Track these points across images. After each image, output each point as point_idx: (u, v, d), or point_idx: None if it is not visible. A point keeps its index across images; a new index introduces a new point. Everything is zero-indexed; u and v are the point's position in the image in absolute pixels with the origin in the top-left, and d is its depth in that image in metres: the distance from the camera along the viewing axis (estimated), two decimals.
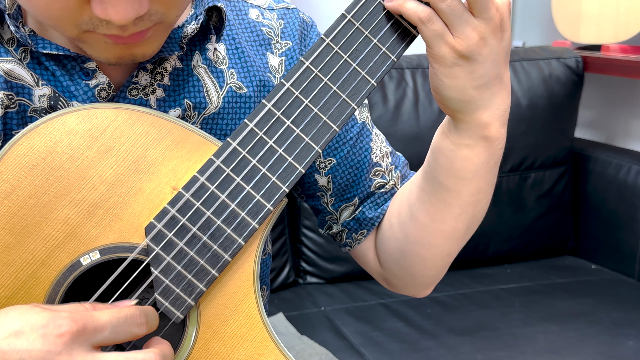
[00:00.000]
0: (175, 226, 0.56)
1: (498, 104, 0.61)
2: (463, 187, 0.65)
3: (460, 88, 0.59)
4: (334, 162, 0.75)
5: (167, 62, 0.65)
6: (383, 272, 0.79)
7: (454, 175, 0.65)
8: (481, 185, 0.66)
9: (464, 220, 0.68)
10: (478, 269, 1.73)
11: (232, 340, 0.58)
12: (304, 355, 1.30)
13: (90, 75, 0.62)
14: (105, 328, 0.50)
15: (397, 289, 0.79)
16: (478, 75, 0.58)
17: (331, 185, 0.76)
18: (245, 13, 0.73)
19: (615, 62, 1.73)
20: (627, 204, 1.69)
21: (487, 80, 0.59)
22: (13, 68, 0.60)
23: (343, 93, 0.58)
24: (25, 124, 0.61)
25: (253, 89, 0.70)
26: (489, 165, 0.65)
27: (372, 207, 0.76)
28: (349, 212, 0.77)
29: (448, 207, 0.67)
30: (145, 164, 0.57)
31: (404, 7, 0.56)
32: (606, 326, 1.40)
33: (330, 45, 0.57)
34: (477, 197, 0.67)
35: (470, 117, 0.61)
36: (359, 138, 0.76)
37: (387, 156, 0.78)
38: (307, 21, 0.77)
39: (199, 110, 0.67)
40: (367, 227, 0.77)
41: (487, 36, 0.57)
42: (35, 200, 0.55)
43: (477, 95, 0.59)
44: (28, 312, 0.49)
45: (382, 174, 0.77)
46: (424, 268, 0.74)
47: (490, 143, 0.63)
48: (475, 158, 0.63)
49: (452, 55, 0.57)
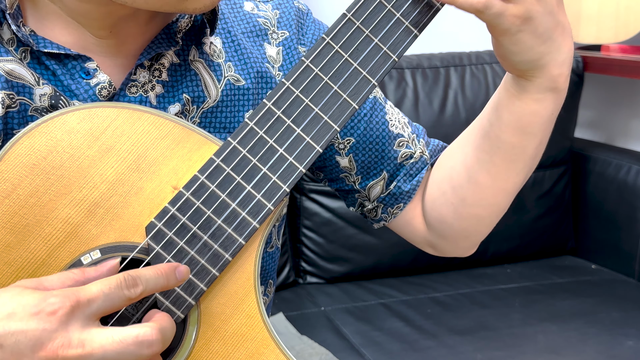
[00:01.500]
0: (175, 225, 0.56)
1: (565, 52, 0.62)
2: (529, 142, 0.66)
3: (529, 49, 0.59)
4: (352, 141, 0.75)
5: (164, 58, 0.65)
6: (431, 238, 0.79)
7: (521, 131, 0.65)
8: (544, 137, 0.67)
9: (525, 174, 0.69)
10: (478, 269, 1.73)
11: (232, 339, 0.58)
12: (304, 355, 1.30)
13: (91, 74, 0.62)
14: (98, 298, 0.49)
15: (445, 252, 0.80)
16: (541, 31, 0.59)
17: (354, 164, 0.76)
18: (240, 6, 0.74)
19: (615, 62, 1.73)
20: (627, 204, 1.69)
21: (550, 33, 0.59)
22: (14, 68, 0.60)
23: (344, 92, 0.58)
24: (26, 123, 0.61)
25: (251, 80, 0.71)
26: (554, 115, 0.65)
27: (407, 180, 0.76)
28: (380, 187, 0.77)
29: (512, 163, 0.68)
30: (146, 163, 0.57)
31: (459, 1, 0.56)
32: (606, 326, 1.40)
33: (331, 44, 0.57)
34: (539, 149, 0.68)
35: (542, 72, 0.62)
36: (374, 113, 0.76)
37: (406, 126, 0.78)
38: (303, 9, 0.77)
39: (198, 104, 0.67)
40: (404, 200, 0.77)
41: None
42: (36, 200, 0.55)
43: (545, 49, 0.60)
44: (19, 294, 0.49)
45: (407, 143, 0.77)
46: (481, 227, 0.75)
47: (558, 94, 0.64)
48: (544, 111, 0.64)
49: (516, 24, 0.57)
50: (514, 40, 0.59)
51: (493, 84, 1.71)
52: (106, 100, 0.63)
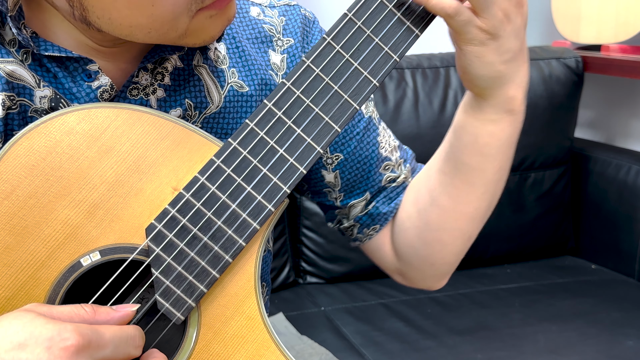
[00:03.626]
0: (175, 227, 0.56)
1: (522, 76, 0.63)
2: (487, 164, 0.67)
3: (490, 65, 0.61)
4: (341, 157, 0.75)
5: (168, 62, 0.65)
6: (400, 265, 0.79)
7: (478, 153, 0.66)
8: (503, 162, 0.68)
9: (487, 200, 0.70)
10: (478, 269, 1.73)
11: (233, 341, 0.58)
12: (304, 355, 1.30)
13: (93, 76, 0.61)
14: (108, 346, 0.50)
15: (413, 282, 0.80)
16: (504, 50, 0.60)
17: (339, 181, 0.76)
18: (246, 11, 0.73)
19: (615, 62, 1.73)
20: (627, 204, 1.69)
21: (513, 54, 0.61)
22: (15, 69, 0.60)
23: (345, 93, 0.58)
24: (26, 124, 0.61)
25: (255, 87, 0.70)
26: (512, 139, 0.67)
27: (386, 202, 0.77)
28: (361, 208, 0.77)
29: (472, 187, 0.68)
30: (146, 164, 0.57)
31: (430, 3, 0.57)
32: (606, 326, 1.40)
33: (332, 44, 0.57)
34: (500, 174, 0.69)
35: (498, 92, 0.63)
36: (366, 133, 0.76)
37: (395, 150, 0.78)
38: (309, 17, 0.77)
39: (200, 109, 0.67)
40: (380, 222, 0.77)
41: (510, 12, 0.59)
42: (35, 201, 0.55)
43: (504, 69, 0.61)
44: (32, 322, 0.48)
45: (392, 167, 0.77)
46: (445, 254, 0.74)
47: (514, 116, 0.65)
48: (501, 133, 0.65)
49: (481, 36, 0.59)
50: (477, 52, 0.60)
51: None
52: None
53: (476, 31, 0.58)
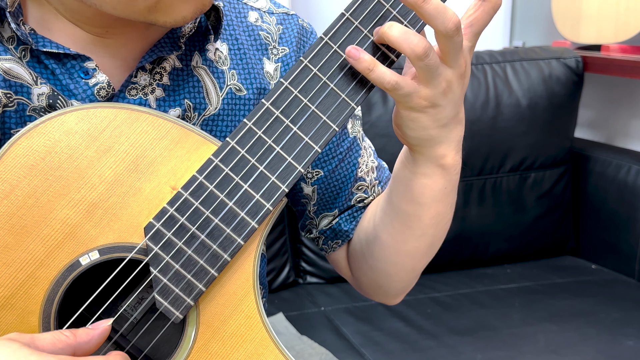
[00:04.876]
0: (174, 226, 0.56)
1: (454, 137, 0.63)
2: (422, 212, 0.68)
3: (423, 129, 0.61)
4: (321, 174, 0.77)
5: (166, 61, 0.65)
6: (354, 280, 0.81)
7: (413, 202, 0.67)
8: (440, 209, 0.68)
9: (426, 241, 0.71)
10: (478, 269, 1.73)
11: (231, 340, 0.58)
12: (304, 355, 1.30)
13: (90, 74, 0.62)
14: None
15: (369, 296, 0.82)
16: (440, 117, 0.60)
17: (315, 195, 0.77)
18: (244, 16, 0.73)
19: (615, 62, 1.73)
20: (627, 204, 1.69)
21: (448, 120, 0.61)
22: (12, 67, 0.60)
23: (342, 92, 0.58)
24: (24, 123, 0.61)
25: (253, 91, 0.71)
26: (446, 190, 0.67)
27: (348, 220, 0.78)
28: (328, 221, 0.79)
29: (409, 229, 0.69)
30: (145, 163, 0.57)
31: (372, 74, 0.56)
32: (606, 326, 1.40)
33: (329, 43, 0.57)
34: (437, 219, 0.69)
35: (428, 150, 0.63)
36: (349, 153, 0.77)
37: (372, 171, 0.79)
38: (307, 28, 0.77)
39: (199, 111, 0.67)
40: (342, 238, 0.79)
41: (453, 83, 0.58)
42: (34, 200, 0.55)
43: (437, 133, 0.61)
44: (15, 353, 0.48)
45: (365, 188, 0.78)
46: (391, 282, 0.76)
47: (446, 170, 0.65)
48: (433, 185, 0.65)
49: (421, 104, 0.58)
50: (413, 117, 0.60)
51: (493, 84, 1.71)
52: (104, 101, 0.62)
53: (417, 100, 0.58)
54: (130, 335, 0.60)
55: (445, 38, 0.55)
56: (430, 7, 0.53)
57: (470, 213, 1.70)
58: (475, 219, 1.71)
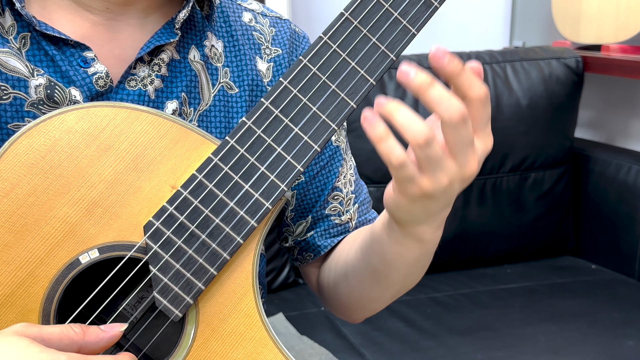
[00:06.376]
0: (173, 224, 0.56)
1: (439, 219, 0.60)
2: (393, 273, 0.67)
3: (412, 213, 0.58)
4: (302, 179, 0.76)
5: (164, 52, 0.66)
6: (320, 296, 0.82)
7: (385, 263, 0.66)
8: (411, 271, 0.67)
9: (391, 292, 0.71)
10: (478, 269, 1.73)
11: (230, 338, 0.58)
12: (304, 355, 1.30)
13: (89, 63, 0.62)
14: None
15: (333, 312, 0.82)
16: (431, 208, 0.57)
17: (294, 201, 0.77)
18: (238, 15, 0.74)
19: (615, 62, 1.73)
20: (627, 204, 1.69)
21: (438, 210, 0.58)
22: (7, 60, 0.60)
23: (342, 92, 0.58)
24: (21, 118, 0.61)
25: (244, 88, 0.71)
26: (419, 261, 0.65)
27: (323, 236, 0.78)
28: (301, 229, 0.78)
29: (377, 282, 0.69)
30: (144, 162, 0.57)
31: (381, 145, 0.52)
32: (606, 326, 1.40)
33: (328, 43, 0.57)
34: (406, 279, 0.68)
35: (409, 228, 0.60)
36: (330, 161, 0.77)
37: (350, 184, 0.79)
38: (299, 33, 0.78)
39: (194, 106, 0.68)
40: (314, 252, 0.79)
41: (455, 181, 0.55)
42: (35, 199, 0.55)
43: (423, 218, 0.59)
44: (24, 350, 0.48)
45: (341, 199, 0.78)
46: (353, 313, 0.77)
47: (424, 244, 0.62)
48: (408, 254, 0.63)
49: (417, 194, 0.55)
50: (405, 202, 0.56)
51: (493, 84, 1.71)
52: (103, 90, 0.63)
53: (415, 188, 0.54)
54: (129, 333, 0.60)
55: (449, 127, 0.52)
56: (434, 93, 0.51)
57: (470, 213, 1.71)
58: (475, 219, 1.71)
